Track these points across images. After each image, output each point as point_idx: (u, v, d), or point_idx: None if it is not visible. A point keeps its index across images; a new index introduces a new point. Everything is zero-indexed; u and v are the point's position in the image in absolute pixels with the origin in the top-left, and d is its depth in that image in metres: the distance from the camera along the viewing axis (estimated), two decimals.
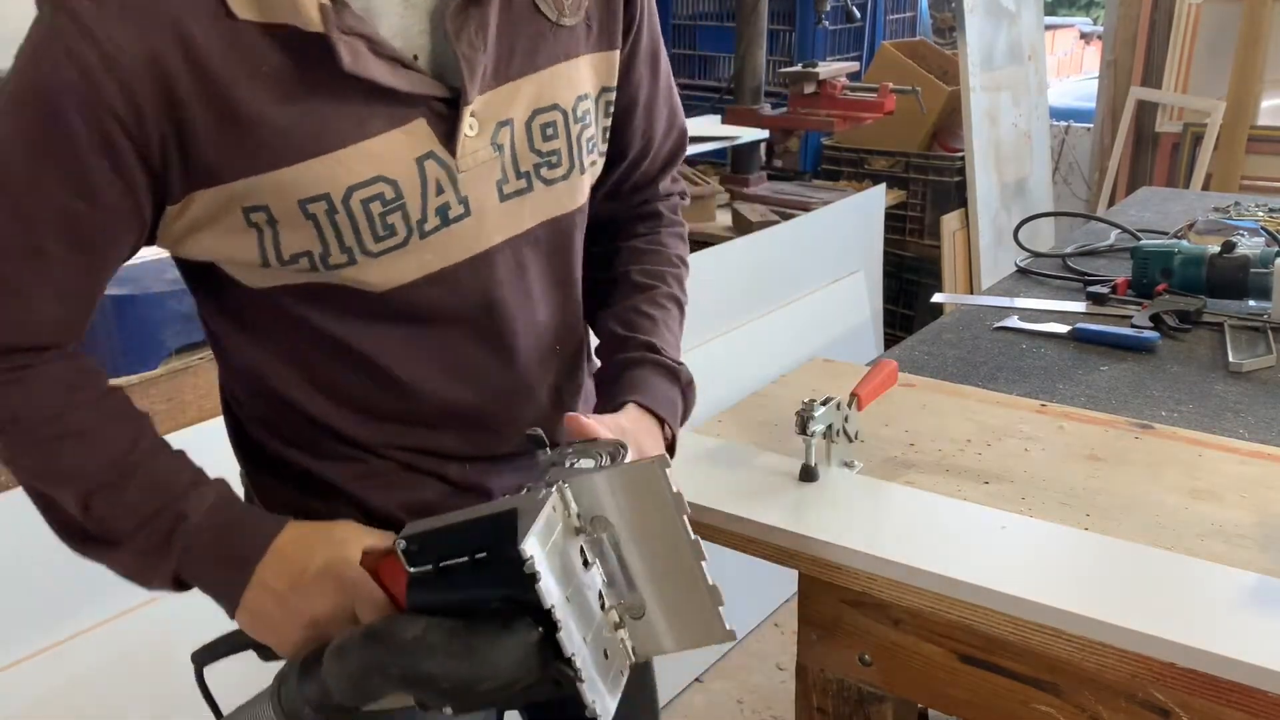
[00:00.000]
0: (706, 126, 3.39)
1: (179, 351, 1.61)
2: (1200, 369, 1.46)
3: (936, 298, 1.94)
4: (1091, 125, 4.74)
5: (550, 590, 0.70)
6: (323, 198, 0.78)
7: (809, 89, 3.11)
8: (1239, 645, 0.83)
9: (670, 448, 0.96)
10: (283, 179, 0.77)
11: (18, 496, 1.43)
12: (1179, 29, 4.30)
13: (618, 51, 0.95)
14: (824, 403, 1.06)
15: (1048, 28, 5.42)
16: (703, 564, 0.76)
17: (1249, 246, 1.72)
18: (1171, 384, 1.41)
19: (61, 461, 0.82)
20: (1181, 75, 4.33)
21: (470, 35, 0.81)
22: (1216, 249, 1.70)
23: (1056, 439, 1.20)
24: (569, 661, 0.71)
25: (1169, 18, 4.33)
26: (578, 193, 0.93)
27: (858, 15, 4.24)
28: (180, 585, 0.85)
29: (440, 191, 0.82)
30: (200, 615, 1.69)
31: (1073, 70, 8.25)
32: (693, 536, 0.75)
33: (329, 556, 0.82)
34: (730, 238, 2.82)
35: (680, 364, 1.00)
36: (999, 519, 1.02)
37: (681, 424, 0.99)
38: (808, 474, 1.08)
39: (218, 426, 1.62)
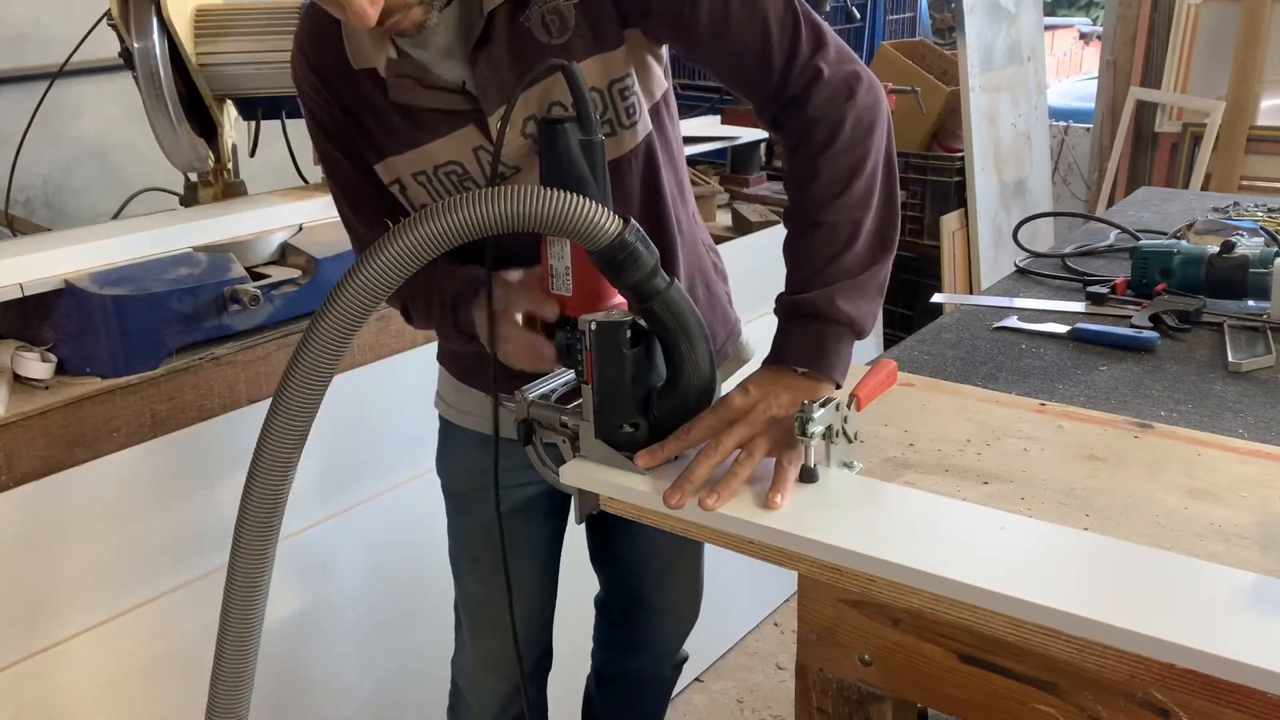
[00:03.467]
0: (706, 127, 3.39)
1: (179, 351, 1.61)
2: (1199, 369, 1.46)
3: (936, 298, 1.94)
4: (1091, 125, 4.74)
5: None
6: (422, 172, 1.28)
7: None
8: (1238, 646, 0.83)
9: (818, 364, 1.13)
10: (398, 161, 1.28)
11: (18, 496, 1.43)
12: (1178, 29, 4.30)
13: (618, 50, 1.22)
14: (823, 403, 1.06)
15: (1047, 28, 5.42)
16: None
17: (1248, 246, 1.72)
18: (1171, 384, 1.41)
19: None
20: (1181, 75, 4.33)
21: (483, 71, 1.21)
22: (1216, 249, 1.70)
23: (1056, 439, 1.20)
24: None
25: (1168, 18, 4.33)
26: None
27: (858, 15, 4.25)
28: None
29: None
30: (198, 615, 1.69)
31: (1072, 70, 8.26)
32: None
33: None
34: (730, 238, 2.82)
35: (795, 295, 1.13)
36: (998, 519, 1.02)
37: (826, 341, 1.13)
38: (807, 475, 1.08)
39: (218, 426, 1.63)
